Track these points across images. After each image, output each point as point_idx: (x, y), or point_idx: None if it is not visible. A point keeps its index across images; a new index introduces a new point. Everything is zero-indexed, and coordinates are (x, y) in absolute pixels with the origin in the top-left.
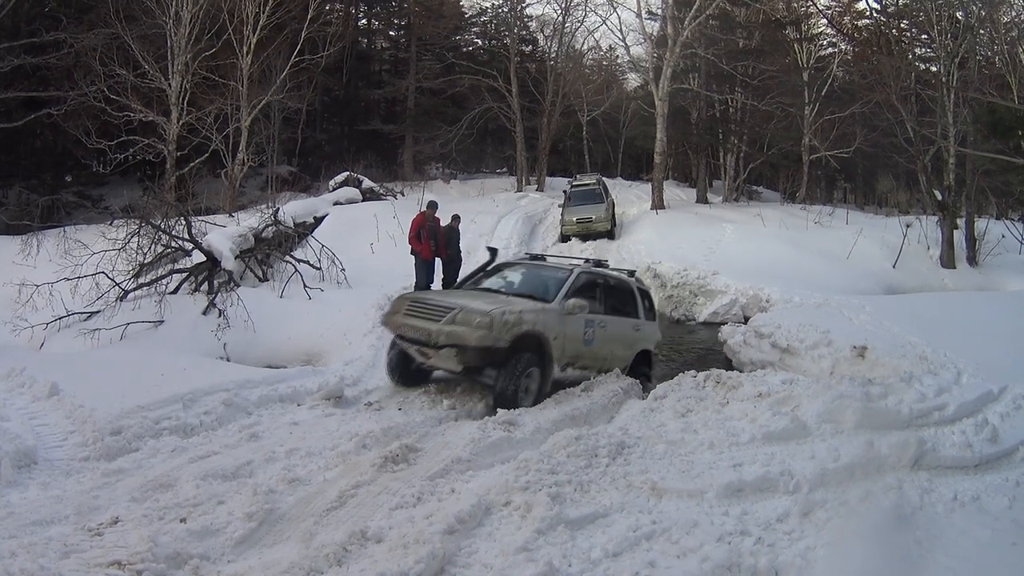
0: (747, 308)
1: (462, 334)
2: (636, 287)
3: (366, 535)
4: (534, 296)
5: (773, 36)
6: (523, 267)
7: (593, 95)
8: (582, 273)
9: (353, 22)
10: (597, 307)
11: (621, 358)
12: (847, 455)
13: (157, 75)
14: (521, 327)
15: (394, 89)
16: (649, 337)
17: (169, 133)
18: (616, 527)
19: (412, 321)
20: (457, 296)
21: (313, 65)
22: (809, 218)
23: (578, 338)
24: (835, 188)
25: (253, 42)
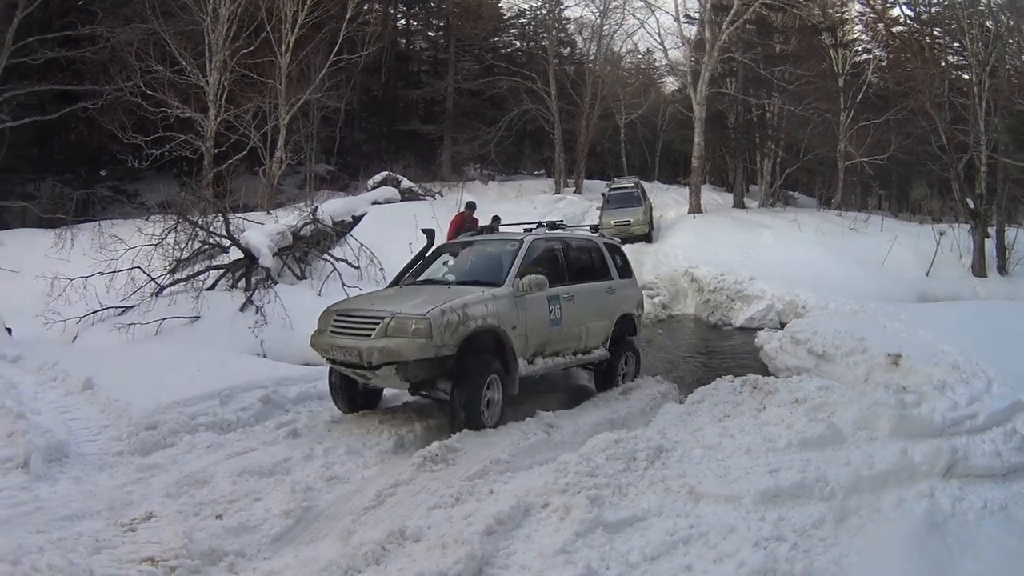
0: (783, 314)
1: (398, 348)
2: (603, 243)
3: (404, 534)
4: (480, 281)
5: (809, 41)
6: (466, 246)
7: (631, 98)
8: (535, 241)
9: (391, 22)
10: (561, 277)
11: (599, 331)
12: (881, 462)
13: (195, 72)
14: (468, 325)
15: (433, 90)
16: (628, 298)
17: (207, 130)
18: (654, 531)
19: (340, 340)
20: (390, 298)
21: (352, 64)
22: (844, 224)
23: (543, 321)
24: (870, 195)
25: (292, 41)
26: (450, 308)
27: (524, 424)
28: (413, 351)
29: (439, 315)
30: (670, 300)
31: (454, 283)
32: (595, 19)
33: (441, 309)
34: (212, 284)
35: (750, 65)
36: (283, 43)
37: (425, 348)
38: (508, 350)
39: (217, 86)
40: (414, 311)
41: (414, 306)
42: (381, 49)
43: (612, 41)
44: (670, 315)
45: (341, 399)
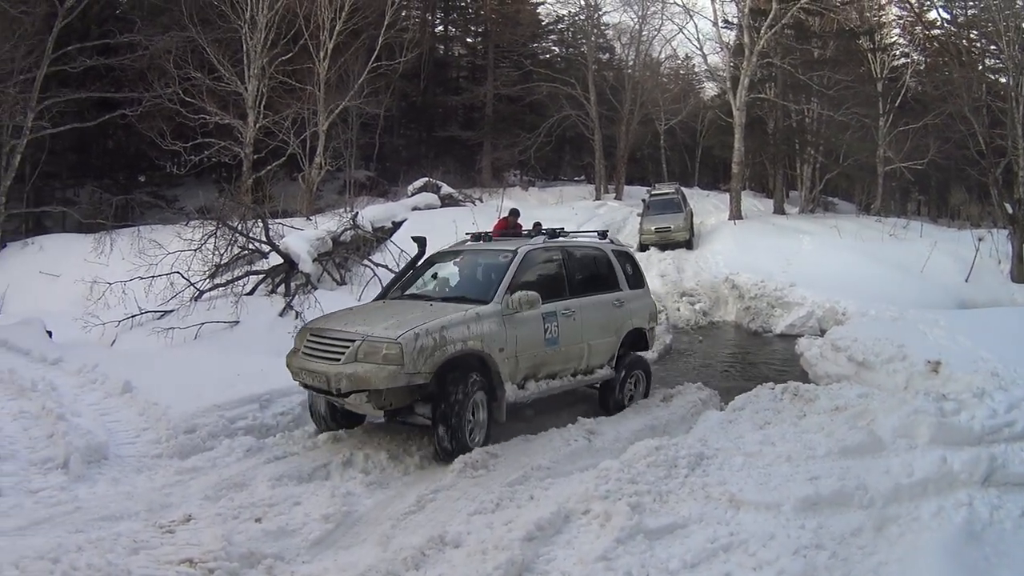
0: (823, 321)
1: (367, 376)
2: (611, 250)
3: (444, 540)
4: (467, 297)
5: (847, 46)
6: (457, 257)
7: (670, 104)
8: (530, 253)
9: (430, 28)
10: (560, 291)
11: (604, 348)
12: (920, 470)
13: (233, 79)
14: (446, 350)
15: (472, 96)
16: (638, 311)
17: (246, 136)
18: (694, 538)
19: (310, 363)
20: (367, 317)
21: (390, 71)
22: (884, 230)
23: (536, 341)
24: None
25: (330, 47)
26: (425, 331)
27: (565, 431)
28: (383, 379)
29: (412, 339)
30: (711, 307)
31: (439, 299)
32: (634, 24)
33: (415, 332)
34: (251, 289)
35: (789, 70)
36: (321, 50)
37: (396, 376)
38: (494, 375)
39: (256, 93)
40: (385, 334)
41: (387, 328)
42: (420, 55)
43: (651, 47)
44: (711, 322)
45: (322, 421)
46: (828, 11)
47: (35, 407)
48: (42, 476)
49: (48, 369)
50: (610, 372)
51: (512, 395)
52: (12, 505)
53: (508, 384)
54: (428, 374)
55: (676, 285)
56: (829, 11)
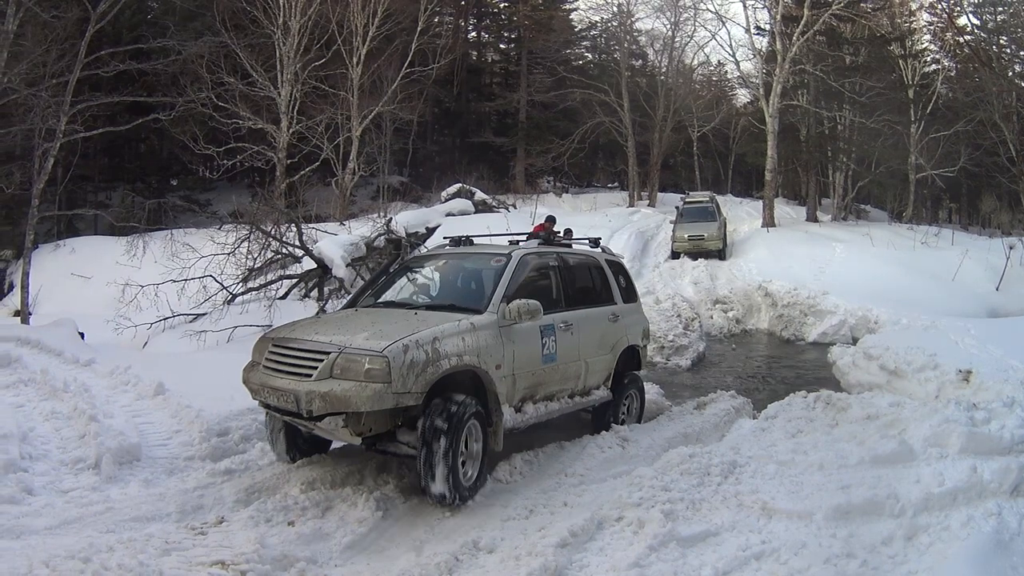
0: (856, 329)
1: (345, 396)
2: (605, 260)
3: (478, 545)
4: (457, 305)
5: (879, 52)
6: (439, 260)
7: (703, 110)
8: (525, 257)
9: (463, 35)
10: (555, 301)
11: (601, 367)
12: (951, 480)
13: (266, 84)
14: (440, 365)
15: (505, 102)
16: (633, 327)
17: (279, 141)
18: (726, 546)
19: (274, 380)
20: (340, 325)
21: (424, 77)
22: (916, 238)
23: (534, 357)
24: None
25: (363, 53)
26: (416, 342)
27: (600, 438)
28: (365, 400)
29: (401, 352)
30: (744, 314)
31: (423, 307)
32: (666, 31)
33: (404, 344)
34: (285, 293)
35: (821, 77)
36: (354, 55)
37: (381, 396)
38: (491, 396)
39: (289, 98)
40: (368, 346)
41: (369, 338)
42: (453, 61)
43: (684, 53)
44: (744, 329)
45: (281, 446)
46: (859, 17)
47: (67, 408)
48: (73, 476)
49: (80, 370)
50: (607, 394)
51: (510, 419)
52: (44, 504)
53: (506, 407)
54: (419, 394)
55: (709, 292)
56: (860, 17)
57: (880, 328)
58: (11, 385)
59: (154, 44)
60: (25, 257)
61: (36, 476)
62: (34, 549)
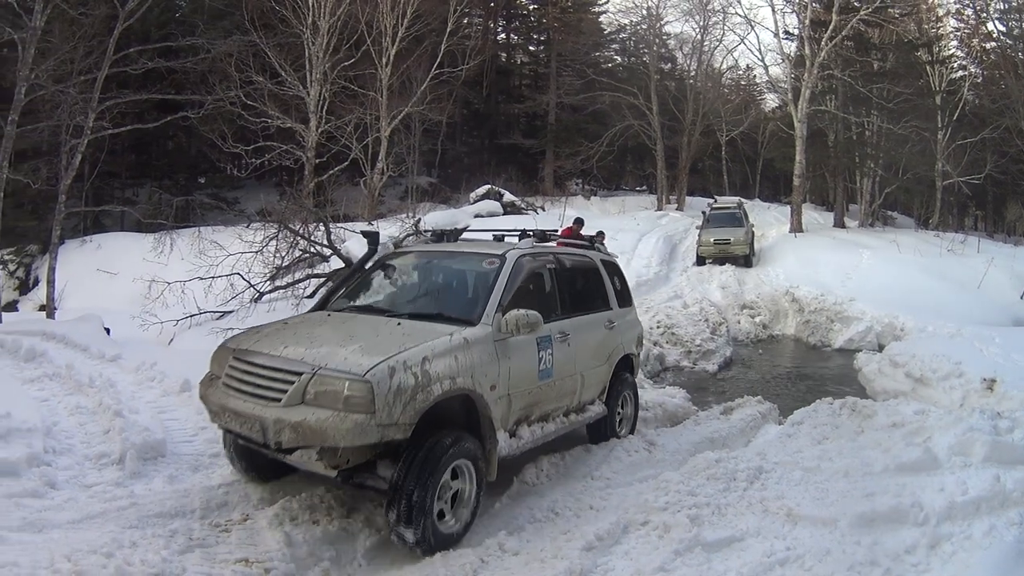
0: (882, 336)
1: (321, 428)
2: (601, 260)
3: (503, 547)
4: (445, 315)
5: (906, 58)
6: (423, 258)
7: (732, 115)
8: (521, 258)
9: (492, 36)
10: (551, 308)
11: (596, 380)
12: (975, 489)
13: (295, 83)
14: (431, 391)
15: (535, 104)
16: (628, 334)
17: (308, 140)
18: (751, 552)
19: (236, 402)
20: (313, 336)
21: (453, 78)
22: (942, 245)
23: (530, 373)
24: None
25: (392, 54)
26: (403, 364)
27: (626, 442)
28: (344, 434)
29: (386, 376)
30: (771, 320)
31: (407, 315)
32: (695, 35)
33: (390, 365)
34: (312, 292)
35: (849, 82)
36: (384, 56)
37: (364, 429)
38: (486, 422)
39: (318, 97)
40: (348, 367)
41: (349, 356)
42: (482, 63)
43: (713, 57)
44: (770, 335)
45: (242, 464)
46: (887, 23)
47: (92, 403)
48: (97, 471)
49: (106, 365)
50: (602, 409)
51: (504, 446)
52: (67, 499)
53: (500, 433)
54: (408, 426)
55: (737, 297)
56: (888, 23)
57: (906, 335)
58: (36, 379)
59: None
60: (51, 252)
61: (60, 470)
62: (56, 543)
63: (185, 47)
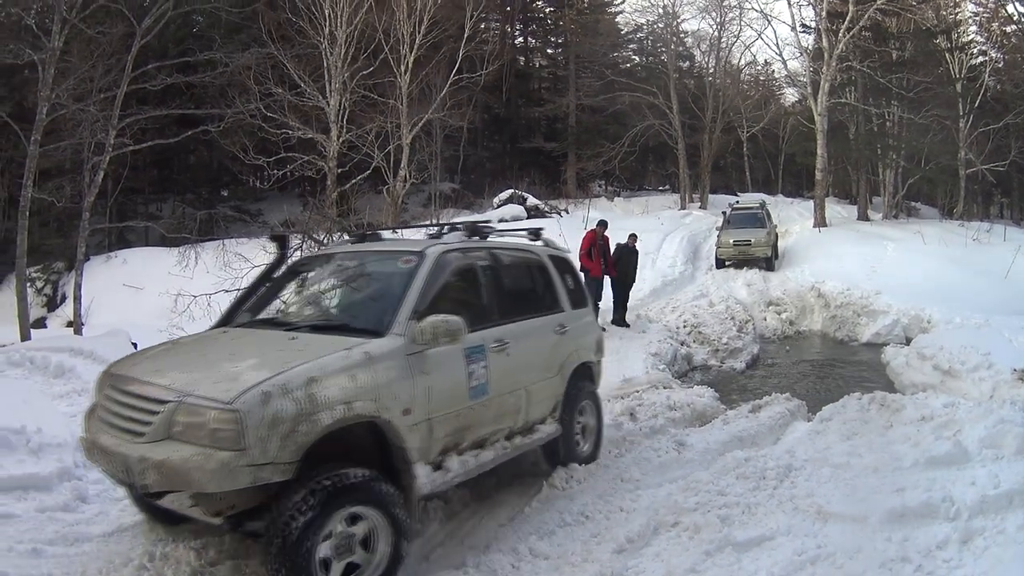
0: (909, 329)
1: (185, 469)
2: (549, 256)
3: (534, 552)
4: (350, 326)
5: (925, 46)
6: (335, 262)
7: (752, 111)
8: (445, 255)
9: (510, 40)
10: (486, 313)
11: (546, 394)
12: (1007, 482)
13: (315, 94)
14: (318, 420)
15: (554, 107)
16: (584, 339)
17: (329, 150)
18: (782, 551)
19: (104, 436)
20: (192, 357)
21: (472, 83)
22: (967, 235)
23: (457, 392)
24: (992, 203)
25: (410, 61)
26: (282, 387)
27: (654, 441)
28: (209, 476)
29: (258, 403)
30: (797, 316)
31: (306, 327)
32: (712, 31)
33: (264, 390)
34: None
35: (868, 73)
36: (402, 63)
37: (231, 470)
38: (398, 453)
39: (338, 107)
40: (214, 392)
41: (221, 381)
42: (501, 67)
43: (730, 53)
44: (797, 331)
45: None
46: (904, 10)
47: None
48: None
49: None
50: (555, 428)
51: (426, 482)
52: (97, 512)
53: (420, 466)
54: (289, 466)
55: (763, 294)
56: (905, 10)
57: (933, 327)
58: (65, 395)
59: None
60: (77, 269)
61: (90, 484)
62: (89, 556)
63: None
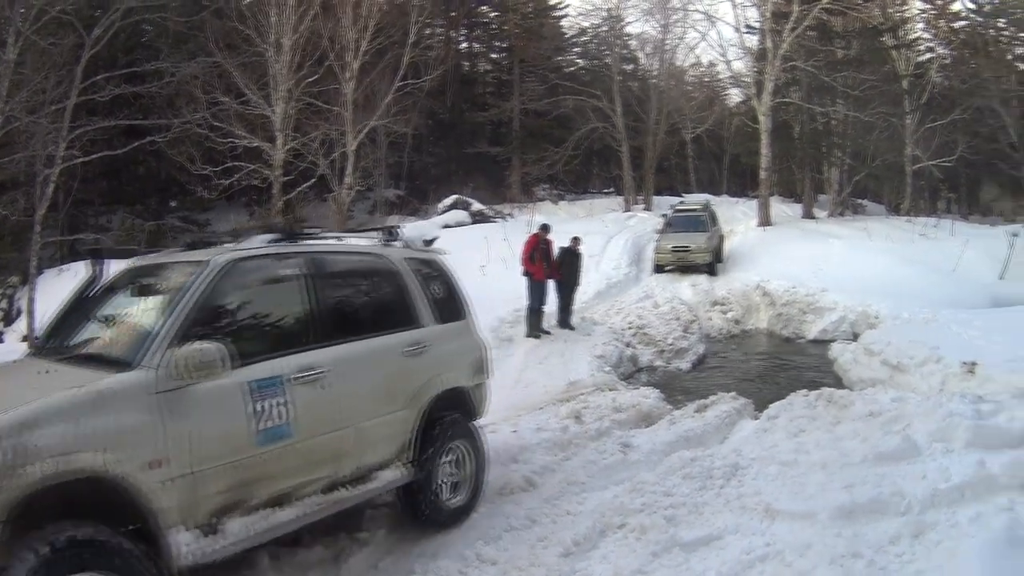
0: (856, 325)
1: None
2: (404, 260)
3: (480, 557)
4: (104, 356)
5: (871, 44)
6: (138, 276)
7: (696, 112)
8: (238, 265)
9: (454, 46)
10: (298, 336)
11: (388, 433)
12: (958, 475)
13: (260, 102)
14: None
15: (499, 111)
16: (453, 359)
17: (275, 158)
18: (730, 549)
19: None
20: None
21: (417, 89)
22: (914, 230)
23: (235, 437)
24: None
25: (356, 68)
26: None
27: (600, 444)
28: None
29: None
30: (743, 315)
31: (69, 358)
32: (656, 34)
33: None
34: None
35: (813, 72)
36: (347, 71)
37: None
38: (150, 516)
39: (283, 115)
40: None
41: None
42: (445, 73)
43: (674, 55)
44: (743, 330)
45: None
46: (850, 9)
47: None
48: None
49: None
50: (404, 473)
51: (191, 551)
52: None
53: (178, 532)
54: None
55: (708, 294)
56: (851, 9)
57: (880, 323)
58: None
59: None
60: (31, 283)
61: None
62: None
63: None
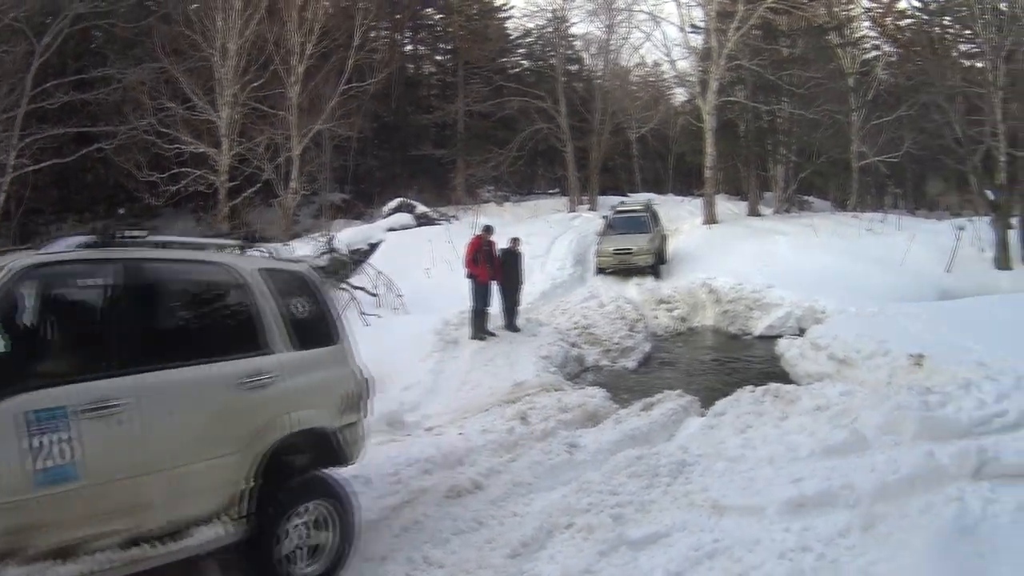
0: (803, 320)
1: None
2: (255, 272)
3: (428, 560)
4: None
5: (816, 43)
6: None
7: (641, 112)
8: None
9: (399, 48)
10: (91, 359)
11: (214, 481)
12: (907, 466)
13: (206, 107)
14: None
15: (443, 113)
16: (311, 394)
17: (220, 164)
18: (678, 547)
19: None
20: None
21: (361, 92)
22: (861, 226)
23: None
24: (885, 194)
25: (301, 72)
26: None
27: (546, 444)
28: None
29: None
30: (689, 313)
31: None
32: (601, 34)
33: None
34: None
35: (758, 71)
36: (292, 74)
37: None
38: None
39: (229, 120)
40: None
41: None
42: (390, 75)
43: (619, 55)
44: (689, 328)
45: None
46: (795, 9)
47: None
48: None
49: None
50: (229, 531)
51: None
52: None
53: None
54: None
55: (653, 293)
56: (796, 9)
57: (827, 318)
58: None
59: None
60: None
61: None
62: None
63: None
